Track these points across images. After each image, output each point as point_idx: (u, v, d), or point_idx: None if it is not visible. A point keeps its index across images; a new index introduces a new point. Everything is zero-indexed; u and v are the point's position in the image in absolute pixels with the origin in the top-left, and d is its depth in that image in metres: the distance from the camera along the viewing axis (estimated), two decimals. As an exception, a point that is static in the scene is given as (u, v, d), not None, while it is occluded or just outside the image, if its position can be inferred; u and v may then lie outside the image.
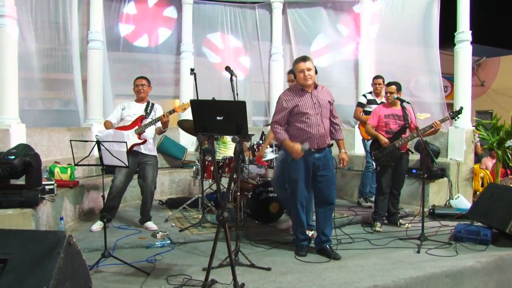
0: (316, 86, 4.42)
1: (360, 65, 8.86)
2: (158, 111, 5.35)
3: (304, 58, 4.38)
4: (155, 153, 5.43)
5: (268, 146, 5.81)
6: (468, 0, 7.03)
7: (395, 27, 8.45)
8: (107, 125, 5.29)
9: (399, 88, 5.60)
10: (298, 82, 4.42)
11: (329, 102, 4.49)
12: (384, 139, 5.47)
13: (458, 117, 5.76)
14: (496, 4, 14.73)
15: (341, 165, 4.64)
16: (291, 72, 6.39)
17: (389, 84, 5.71)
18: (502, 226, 4.67)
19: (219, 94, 8.28)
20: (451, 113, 5.67)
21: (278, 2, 9.02)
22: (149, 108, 5.36)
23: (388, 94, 5.64)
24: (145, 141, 5.22)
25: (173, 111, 5.16)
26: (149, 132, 5.28)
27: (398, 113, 5.57)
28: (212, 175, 5.92)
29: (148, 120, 5.24)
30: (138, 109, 5.35)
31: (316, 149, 4.36)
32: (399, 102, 5.56)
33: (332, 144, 4.55)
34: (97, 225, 5.18)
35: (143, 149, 5.24)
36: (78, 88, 7.56)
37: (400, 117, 5.54)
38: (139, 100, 5.40)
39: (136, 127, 5.21)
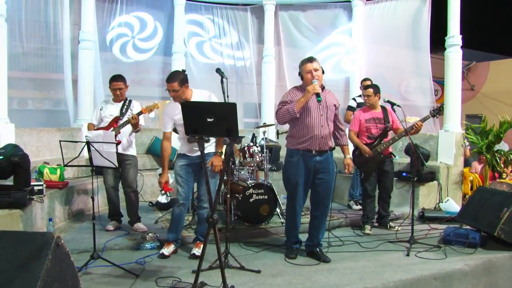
0: (323, 88, 4.35)
1: (351, 67, 8.89)
2: (135, 108, 5.31)
3: (311, 59, 4.34)
4: (133, 152, 5.40)
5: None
6: (459, 5, 7.09)
7: (386, 31, 8.51)
8: (90, 127, 5.31)
9: (376, 90, 5.58)
10: (305, 83, 4.33)
11: (335, 105, 4.43)
12: (365, 149, 5.45)
13: (438, 115, 5.70)
14: (486, 9, 14.86)
15: (346, 170, 4.62)
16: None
17: (367, 87, 5.71)
18: (491, 229, 4.70)
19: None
20: (431, 111, 5.58)
21: (270, 4, 9.04)
22: (125, 107, 5.30)
23: (366, 97, 5.64)
24: (119, 142, 5.20)
25: (141, 112, 5.09)
26: (124, 132, 5.24)
27: (378, 116, 5.57)
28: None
29: (123, 120, 5.21)
30: (114, 109, 5.31)
31: (317, 151, 4.29)
32: (379, 105, 5.57)
33: (334, 148, 4.49)
34: (112, 225, 5.32)
35: (120, 149, 5.21)
36: (69, 88, 7.51)
37: (381, 120, 5.54)
38: (117, 100, 5.36)
39: (112, 128, 5.19)
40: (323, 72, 4.34)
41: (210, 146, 4.48)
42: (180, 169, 4.51)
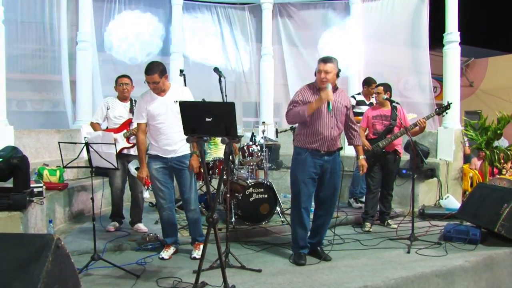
0: (336, 89, 4.31)
1: (349, 65, 8.87)
2: None
3: (325, 60, 4.23)
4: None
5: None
6: (457, 2, 7.09)
7: (384, 28, 8.50)
8: (96, 127, 5.25)
9: (387, 89, 5.63)
10: (316, 82, 4.28)
11: (346, 106, 4.35)
12: (365, 143, 5.47)
13: (446, 113, 5.62)
14: (484, 5, 14.86)
15: (361, 171, 4.58)
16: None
17: (378, 85, 5.77)
18: (491, 226, 4.70)
19: (209, 95, 8.26)
20: (437, 109, 5.53)
21: (268, 3, 9.03)
22: (134, 108, 5.31)
23: (376, 95, 5.69)
24: (134, 145, 5.21)
25: None
26: None
27: (386, 113, 5.60)
28: (202, 177, 5.90)
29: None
30: (123, 110, 5.28)
31: (326, 151, 4.25)
32: (389, 103, 5.59)
33: (341, 148, 4.45)
34: (112, 225, 5.33)
35: (132, 151, 5.22)
36: (67, 89, 7.50)
37: (388, 118, 5.57)
38: (122, 99, 5.33)
39: (125, 130, 5.18)
40: (337, 75, 4.24)
41: (183, 147, 4.33)
42: (157, 173, 4.34)
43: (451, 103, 5.53)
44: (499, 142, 7.47)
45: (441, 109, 5.48)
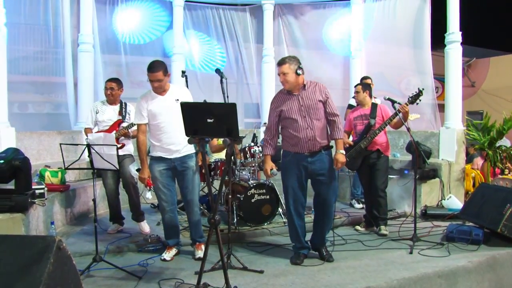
0: (304, 86, 4.22)
1: (351, 66, 8.88)
2: (132, 113, 5.28)
3: (279, 62, 4.22)
4: (129, 152, 5.38)
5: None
6: (458, 2, 7.07)
7: (386, 28, 8.50)
8: (88, 132, 5.25)
9: (365, 88, 5.59)
10: None
11: (320, 101, 4.21)
12: (346, 140, 5.38)
13: (420, 100, 5.39)
14: (486, 5, 14.83)
15: (335, 166, 4.30)
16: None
17: (356, 85, 5.76)
18: (494, 226, 4.68)
19: (211, 96, 8.28)
20: (409, 98, 5.26)
21: (269, 4, 9.03)
22: (123, 110, 5.31)
23: (355, 94, 5.67)
24: (123, 146, 5.20)
25: (130, 126, 5.12)
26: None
27: (366, 112, 5.53)
28: (204, 178, 5.89)
29: (125, 124, 5.23)
30: (112, 113, 5.28)
31: (308, 152, 4.22)
32: (369, 102, 5.55)
33: (332, 146, 4.35)
34: (113, 228, 5.33)
35: (119, 152, 5.21)
36: (70, 91, 7.51)
37: (367, 117, 5.49)
38: (110, 102, 5.33)
39: (114, 131, 5.19)
40: (297, 73, 4.15)
41: (187, 147, 4.29)
42: (160, 175, 4.31)
43: (422, 89, 5.30)
44: (501, 142, 7.44)
45: (413, 98, 5.24)
